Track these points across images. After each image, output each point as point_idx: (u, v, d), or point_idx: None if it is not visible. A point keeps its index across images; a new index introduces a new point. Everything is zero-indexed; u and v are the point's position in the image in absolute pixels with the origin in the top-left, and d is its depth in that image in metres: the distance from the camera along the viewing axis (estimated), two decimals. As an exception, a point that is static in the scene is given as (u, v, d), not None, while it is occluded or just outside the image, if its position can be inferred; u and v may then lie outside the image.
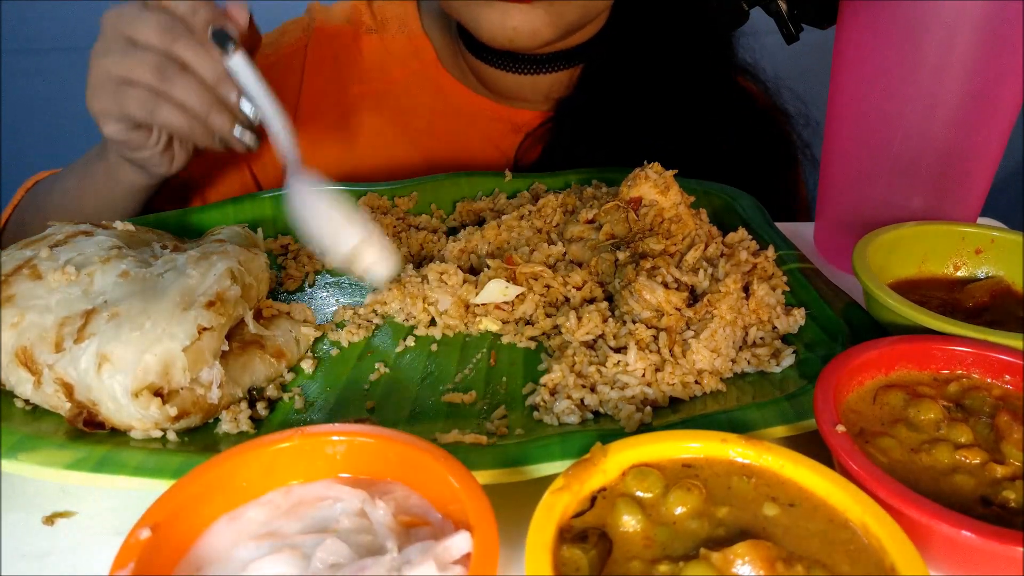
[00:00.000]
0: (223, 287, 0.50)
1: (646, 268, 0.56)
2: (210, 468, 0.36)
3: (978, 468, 0.38)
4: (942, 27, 0.57)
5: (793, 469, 0.36)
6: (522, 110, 0.95)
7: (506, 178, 0.80)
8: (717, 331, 0.52)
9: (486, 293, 0.60)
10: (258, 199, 0.75)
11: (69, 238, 0.54)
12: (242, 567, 0.33)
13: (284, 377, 0.54)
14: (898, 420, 0.42)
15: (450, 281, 0.60)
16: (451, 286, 0.60)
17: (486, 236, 0.67)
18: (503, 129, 0.94)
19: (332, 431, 0.38)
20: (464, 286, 0.61)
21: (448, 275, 0.61)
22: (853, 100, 0.65)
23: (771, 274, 0.60)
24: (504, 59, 0.92)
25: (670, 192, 0.64)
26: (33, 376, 0.47)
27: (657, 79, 0.91)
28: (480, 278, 0.61)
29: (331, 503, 0.36)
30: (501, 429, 0.48)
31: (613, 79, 0.92)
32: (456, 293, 0.60)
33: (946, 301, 0.56)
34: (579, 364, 0.52)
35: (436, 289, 0.60)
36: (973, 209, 0.67)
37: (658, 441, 0.37)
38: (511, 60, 0.91)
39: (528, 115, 0.95)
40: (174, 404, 0.46)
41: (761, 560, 0.30)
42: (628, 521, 0.34)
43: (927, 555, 0.33)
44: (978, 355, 0.45)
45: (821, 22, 0.65)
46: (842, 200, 0.70)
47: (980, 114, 0.60)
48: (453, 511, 0.35)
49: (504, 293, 0.59)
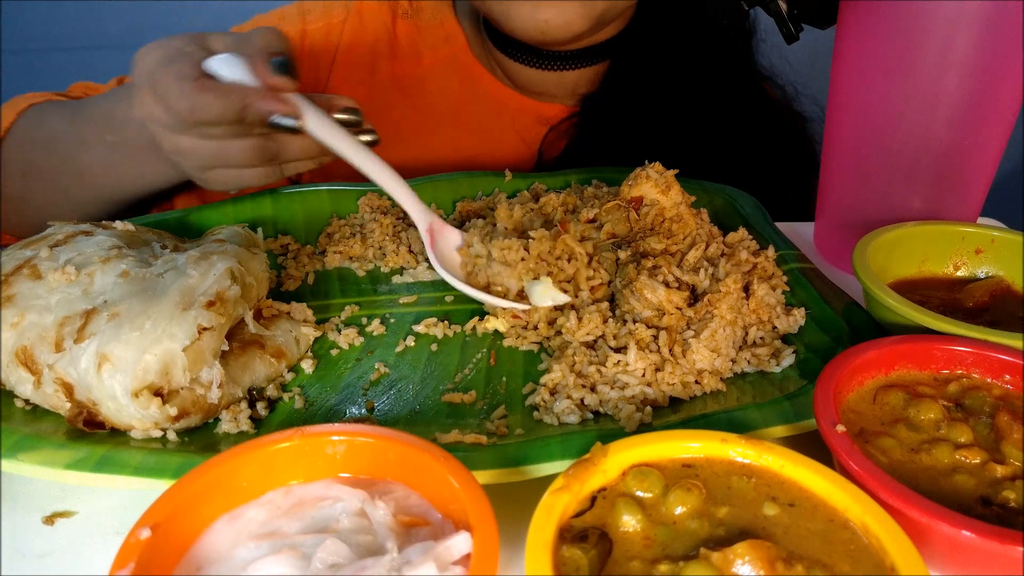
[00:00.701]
0: (223, 287, 0.50)
1: (647, 267, 0.56)
2: (210, 468, 0.36)
3: (978, 468, 0.38)
4: (942, 27, 0.57)
5: (793, 469, 0.36)
6: (549, 104, 0.96)
7: (506, 178, 0.80)
8: (717, 331, 0.52)
9: (537, 296, 0.59)
10: (258, 199, 0.75)
11: (69, 238, 0.54)
12: (242, 567, 0.33)
13: (284, 377, 0.54)
14: (898, 420, 0.42)
15: (510, 257, 0.60)
16: (511, 263, 0.60)
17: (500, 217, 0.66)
18: (529, 121, 0.95)
19: (332, 431, 0.38)
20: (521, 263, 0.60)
21: (510, 251, 0.60)
22: (853, 100, 0.65)
23: (771, 274, 0.60)
24: (530, 55, 0.92)
25: (671, 191, 0.64)
26: (33, 376, 0.47)
27: (682, 77, 0.92)
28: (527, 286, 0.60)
29: (331, 503, 0.36)
30: (501, 429, 0.48)
31: (639, 77, 0.92)
32: (516, 272, 0.60)
33: (946, 301, 0.56)
34: (579, 364, 0.52)
35: (502, 272, 0.60)
36: (973, 209, 0.67)
37: (658, 441, 0.37)
38: (537, 56, 0.92)
39: (555, 109, 0.95)
40: (174, 404, 0.46)
41: (761, 560, 0.30)
42: (628, 521, 0.34)
43: (927, 555, 0.33)
44: (978, 355, 0.45)
45: (821, 22, 0.65)
46: (842, 200, 0.70)
47: (980, 114, 0.60)
48: (453, 511, 0.35)
49: (553, 298, 0.58)
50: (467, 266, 0.63)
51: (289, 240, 0.73)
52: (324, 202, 0.77)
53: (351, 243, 0.71)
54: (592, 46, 0.91)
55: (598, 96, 0.94)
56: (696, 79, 0.92)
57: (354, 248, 0.71)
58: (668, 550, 0.33)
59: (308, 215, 0.76)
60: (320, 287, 0.67)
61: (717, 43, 0.92)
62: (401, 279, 0.68)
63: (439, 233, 0.64)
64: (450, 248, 0.64)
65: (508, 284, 0.60)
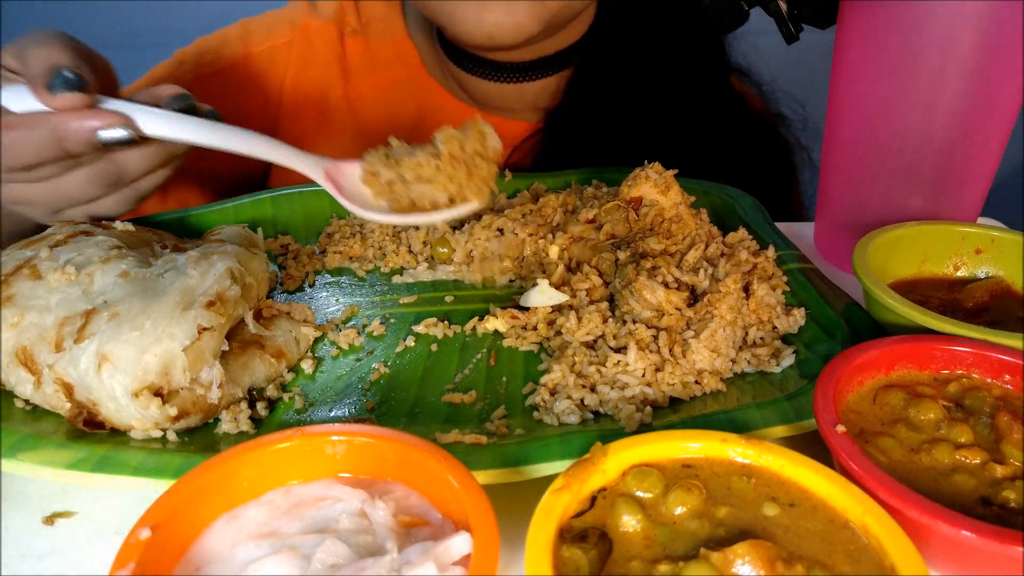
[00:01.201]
0: (223, 287, 0.50)
1: (646, 268, 0.56)
2: (210, 468, 0.36)
3: (978, 468, 0.38)
4: (942, 27, 0.57)
5: (793, 469, 0.36)
6: (512, 120, 0.90)
7: (506, 178, 0.80)
8: (717, 331, 0.52)
9: (534, 298, 0.59)
10: (258, 199, 0.75)
11: (69, 238, 0.54)
12: (242, 567, 0.33)
13: (284, 377, 0.54)
14: (898, 420, 0.42)
15: (425, 173, 0.57)
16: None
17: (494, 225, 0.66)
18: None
19: (332, 431, 0.38)
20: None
21: (422, 167, 0.57)
22: (853, 100, 0.65)
23: (771, 274, 0.60)
24: (487, 67, 0.87)
25: (670, 192, 0.64)
26: (33, 376, 0.47)
27: (648, 83, 0.87)
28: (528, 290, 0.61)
29: (331, 503, 0.36)
30: (501, 429, 0.48)
31: (603, 85, 0.87)
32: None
33: (946, 301, 0.56)
34: (579, 364, 0.52)
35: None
36: (973, 209, 0.67)
37: (658, 441, 0.37)
38: (493, 68, 0.86)
39: (519, 127, 0.90)
40: (174, 404, 0.46)
41: (761, 560, 0.30)
42: (628, 521, 0.34)
43: (927, 555, 0.33)
44: (978, 355, 0.45)
45: (821, 22, 0.65)
46: (842, 200, 0.70)
47: (980, 114, 0.60)
48: (453, 511, 0.35)
49: (549, 298, 0.58)
50: (382, 195, 0.57)
51: (289, 240, 0.73)
52: (324, 202, 0.77)
53: (351, 243, 0.71)
54: (551, 55, 0.86)
55: (561, 109, 0.88)
56: (663, 83, 0.87)
57: (354, 248, 0.71)
58: (668, 550, 0.33)
59: (308, 215, 0.76)
60: (320, 287, 0.67)
61: (684, 44, 0.87)
62: (401, 279, 0.68)
63: (340, 174, 0.58)
64: (358, 185, 0.58)
65: (436, 197, 0.56)
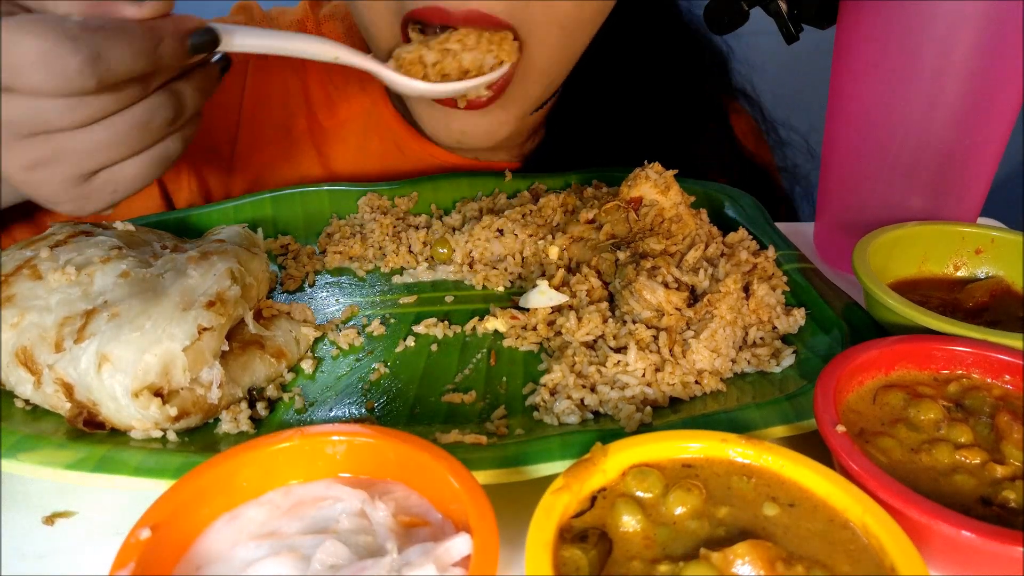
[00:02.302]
0: (223, 287, 0.50)
1: (646, 268, 0.56)
2: (210, 468, 0.36)
3: (978, 468, 0.38)
4: (942, 27, 0.57)
5: (793, 469, 0.36)
6: (486, 162, 0.85)
7: (506, 178, 0.80)
8: (717, 331, 0.52)
9: (534, 299, 0.59)
10: (258, 199, 0.75)
11: (69, 238, 0.54)
12: (242, 567, 0.33)
13: (284, 377, 0.54)
14: (898, 420, 0.42)
15: (469, 42, 0.62)
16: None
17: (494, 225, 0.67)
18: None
19: (332, 431, 0.38)
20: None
21: (451, 41, 0.62)
22: (853, 100, 0.65)
23: (771, 274, 0.60)
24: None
25: (670, 192, 0.64)
26: (33, 376, 0.47)
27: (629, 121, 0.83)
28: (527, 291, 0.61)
29: (331, 503, 0.36)
30: (501, 429, 0.48)
31: (583, 123, 0.82)
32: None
33: (946, 301, 0.56)
34: (579, 364, 0.52)
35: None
36: (973, 209, 0.67)
37: (658, 441, 0.37)
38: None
39: (494, 168, 0.84)
40: (174, 404, 0.46)
41: (761, 560, 0.30)
42: (628, 521, 0.34)
43: (927, 555, 0.33)
44: (978, 355, 0.45)
45: (821, 22, 0.65)
46: (842, 200, 0.70)
47: (980, 114, 0.60)
48: (453, 511, 0.35)
49: (549, 299, 0.59)
50: (425, 79, 0.62)
51: (289, 240, 0.73)
52: (324, 202, 0.77)
53: (351, 243, 0.71)
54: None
55: (541, 151, 0.83)
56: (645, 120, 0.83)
57: (354, 248, 0.71)
58: (668, 550, 0.33)
59: (308, 215, 0.76)
60: (320, 287, 0.67)
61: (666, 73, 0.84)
62: (401, 279, 0.68)
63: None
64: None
65: (483, 63, 0.63)
